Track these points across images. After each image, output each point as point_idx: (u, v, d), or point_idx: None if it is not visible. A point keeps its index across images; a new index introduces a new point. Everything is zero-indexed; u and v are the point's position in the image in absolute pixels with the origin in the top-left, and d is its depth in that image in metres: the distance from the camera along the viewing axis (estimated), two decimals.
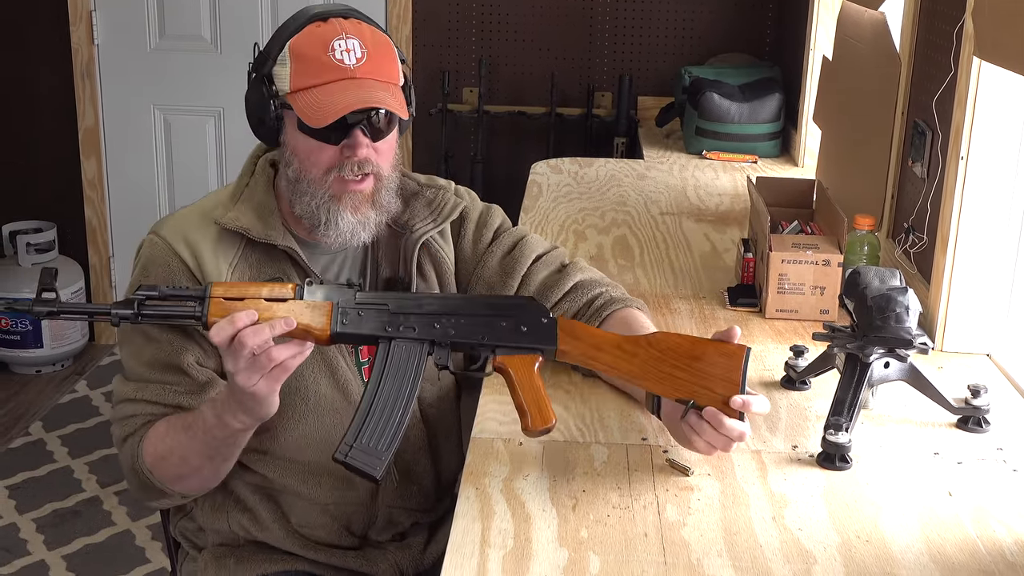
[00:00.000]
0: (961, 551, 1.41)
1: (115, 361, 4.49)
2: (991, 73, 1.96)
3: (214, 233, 1.74)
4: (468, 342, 1.55)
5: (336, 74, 1.65)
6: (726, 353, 1.54)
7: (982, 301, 2.06)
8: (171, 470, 1.68)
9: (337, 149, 1.68)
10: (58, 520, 3.34)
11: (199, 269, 1.72)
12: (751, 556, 1.39)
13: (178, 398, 1.69)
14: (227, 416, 1.58)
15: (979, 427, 1.74)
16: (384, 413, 1.52)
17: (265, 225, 1.74)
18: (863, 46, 2.80)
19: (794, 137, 3.69)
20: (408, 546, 1.89)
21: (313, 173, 1.69)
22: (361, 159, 1.68)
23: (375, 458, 1.50)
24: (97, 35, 4.45)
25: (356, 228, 1.72)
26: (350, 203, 1.70)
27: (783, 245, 2.19)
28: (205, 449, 1.64)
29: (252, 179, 1.79)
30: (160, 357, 1.70)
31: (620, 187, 3.26)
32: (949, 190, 2.05)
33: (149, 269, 1.74)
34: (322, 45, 1.65)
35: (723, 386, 1.52)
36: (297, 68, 1.66)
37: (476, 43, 4.43)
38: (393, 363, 1.53)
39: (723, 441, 1.52)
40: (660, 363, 1.54)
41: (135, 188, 4.62)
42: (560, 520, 1.45)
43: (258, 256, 1.76)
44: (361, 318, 1.52)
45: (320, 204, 1.70)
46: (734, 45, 4.36)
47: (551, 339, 1.56)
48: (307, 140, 1.68)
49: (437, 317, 1.54)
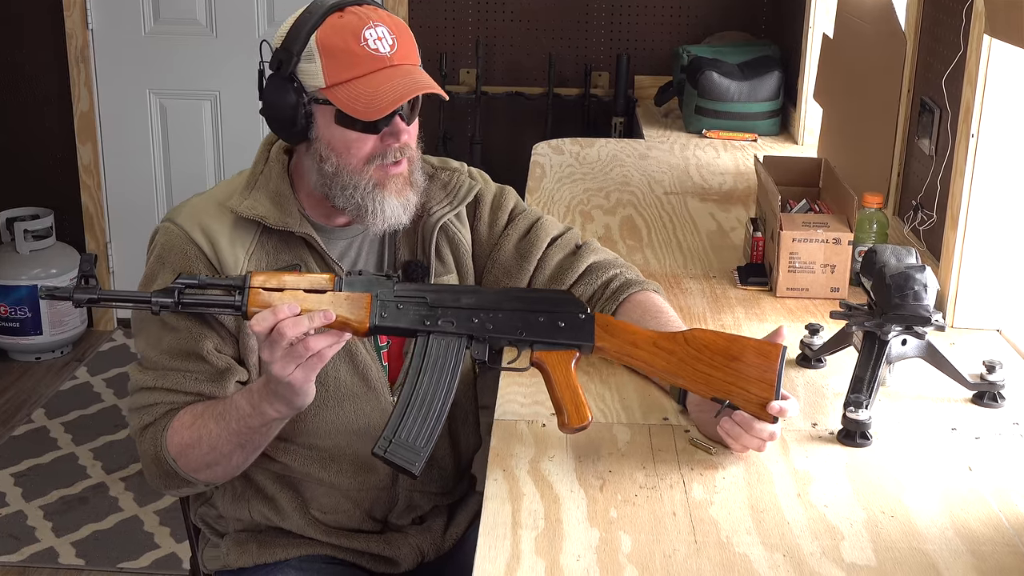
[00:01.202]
0: (985, 525, 1.43)
1: (115, 347, 4.49)
2: (1001, 51, 1.97)
3: (230, 221, 1.74)
4: (506, 337, 1.56)
5: (375, 64, 1.64)
6: (762, 352, 1.54)
7: (992, 277, 2.08)
8: (200, 459, 1.67)
9: (378, 138, 1.68)
10: (65, 507, 3.35)
11: (216, 257, 1.72)
12: (779, 533, 1.41)
13: (199, 385, 1.70)
14: (264, 405, 1.58)
15: (994, 402, 1.76)
16: (423, 408, 1.53)
17: (282, 212, 1.74)
18: (866, 24, 2.81)
19: (793, 115, 3.70)
20: (428, 529, 1.90)
21: (354, 164, 1.68)
22: (403, 145, 1.69)
23: (414, 454, 1.52)
24: (91, 20, 4.43)
25: (399, 211, 1.72)
26: (394, 188, 1.70)
27: (793, 224, 2.20)
28: (237, 438, 1.64)
29: (266, 167, 1.78)
30: (179, 345, 1.70)
31: (623, 167, 3.27)
32: (959, 168, 2.06)
33: (165, 257, 1.73)
34: (352, 36, 1.63)
35: (759, 387, 1.52)
36: (330, 63, 1.64)
37: (473, 24, 4.42)
38: (431, 357, 1.54)
39: (756, 443, 1.55)
40: (697, 362, 1.55)
41: (131, 173, 4.61)
42: (589, 500, 1.47)
43: (274, 243, 1.76)
44: (400, 311, 1.53)
45: (365, 194, 1.69)
46: (730, 24, 4.36)
47: (588, 336, 1.56)
48: (345, 133, 1.66)
49: (475, 312, 1.55)
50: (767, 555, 1.36)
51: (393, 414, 1.54)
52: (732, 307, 2.16)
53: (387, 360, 1.82)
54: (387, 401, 1.80)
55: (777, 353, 1.53)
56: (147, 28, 4.47)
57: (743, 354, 1.54)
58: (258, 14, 4.40)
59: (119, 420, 3.88)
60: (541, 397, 1.74)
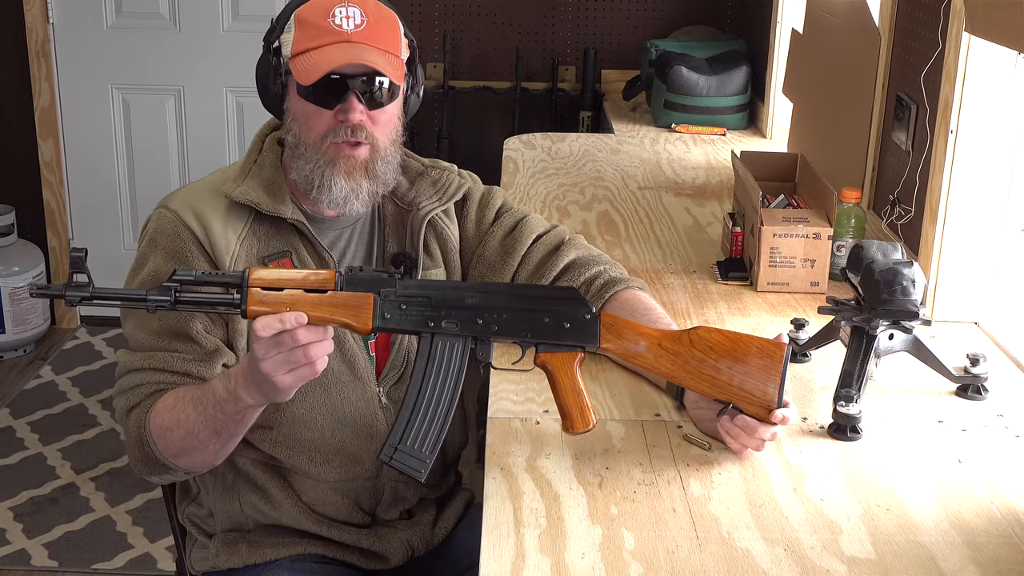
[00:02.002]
0: (978, 517, 1.46)
1: (79, 345, 4.44)
2: (979, 48, 2.00)
3: (223, 206, 1.76)
4: (511, 339, 1.56)
5: (333, 37, 1.69)
6: (766, 353, 1.54)
7: (970, 271, 2.11)
8: (176, 443, 1.66)
9: (332, 114, 1.72)
10: (35, 508, 3.31)
11: (208, 241, 1.73)
12: (779, 528, 1.42)
13: (186, 365, 1.69)
14: (240, 391, 1.57)
15: (978, 394, 1.79)
16: (428, 414, 1.53)
17: (274, 199, 1.76)
18: (838, 20, 2.83)
19: (761, 109, 3.72)
20: (418, 523, 1.90)
21: (310, 138, 1.73)
22: (354, 124, 1.71)
23: (419, 461, 1.52)
24: (52, 13, 4.37)
25: (348, 195, 1.74)
26: (344, 167, 1.73)
27: (774, 219, 2.22)
28: (212, 424, 1.63)
29: (260, 156, 1.83)
30: (168, 325, 1.70)
31: (595, 162, 3.28)
32: (938, 164, 2.09)
33: (158, 240, 1.75)
34: (324, 12, 1.70)
35: (762, 391, 1.53)
36: (299, 34, 1.71)
37: (440, 18, 4.41)
38: (435, 361, 1.53)
39: (756, 443, 1.56)
40: (702, 364, 1.54)
41: (94, 170, 4.55)
42: (589, 498, 1.48)
43: (266, 229, 1.78)
44: (403, 312, 1.52)
45: (315, 168, 1.73)
46: (696, 18, 4.39)
47: (593, 337, 1.55)
48: (305, 105, 1.72)
49: (479, 312, 1.54)
50: (768, 550, 1.37)
51: (398, 419, 1.54)
52: (715, 302, 2.18)
53: (374, 351, 1.83)
54: (372, 392, 1.81)
55: (781, 353, 1.53)
56: (109, 22, 4.42)
57: (747, 356, 1.54)
58: (222, 8, 4.37)
59: (86, 419, 3.84)
60: (532, 395, 1.76)
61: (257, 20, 4.34)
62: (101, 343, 4.45)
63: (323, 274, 1.50)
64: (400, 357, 1.83)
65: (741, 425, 1.55)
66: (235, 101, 4.46)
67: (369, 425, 1.81)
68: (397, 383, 1.83)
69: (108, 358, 4.32)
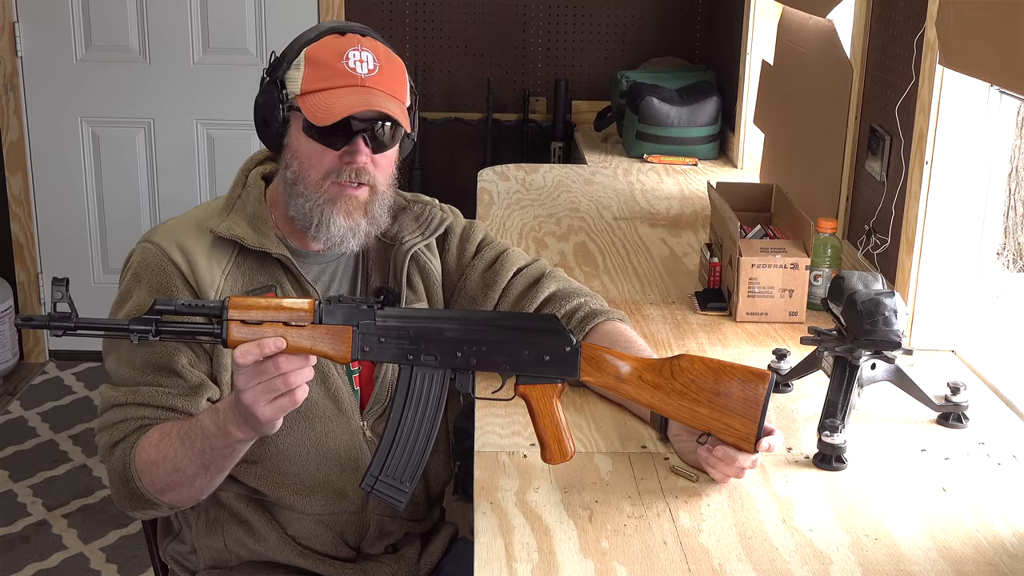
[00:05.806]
0: (965, 545, 1.47)
1: (48, 380, 4.39)
2: (953, 80, 2.03)
3: (208, 241, 1.76)
4: (490, 370, 1.56)
5: (347, 80, 1.70)
6: (749, 382, 1.54)
7: (946, 299, 2.13)
8: (163, 479, 1.65)
9: (338, 155, 1.72)
10: (6, 547, 3.26)
11: (192, 275, 1.73)
12: (769, 559, 1.43)
13: (171, 400, 1.68)
14: (229, 425, 1.57)
15: (959, 423, 1.81)
16: (408, 445, 1.54)
17: (259, 234, 1.77)
18: (808, 52, 2.87)
19: (732, 139, 3.76)
20: (403, 557, 1.90)
21: (312, 176, 1.73)
22: (359, 167, 1.72)
23: (399, 491, 1.53)
24: (20, 46, 4.34)
25: (346, 234, 1.74)
26: (344, 208, 1.73)
27: (752, 250, 2.24)
28: (201, 458, 1.63)
29: (244, 191, 1.82)
30: (152, 359, 1.70)
31: (569, 192, 3.30)
32: (913, 194, 2.12)
33: (142, 274, 1.74)
34: (337, 54, 1.71)
35: (742, 422, 1.54)
36: (310, 73, 1.71)
37: (411, 49, 4.43)
38: (415, 393, 1.54)
39: (736, 471, 1.57)
40: (682, 397, 1.55)
41: (63, 203, 4.51)
42: (579, 531, 1.48)
43: (251, 264, 1.78)
44: (382, 345, 1.52)
45: (314, 207, 1.73)
46: (665, 49, 4.43)
47: (573, 370, 1.55)
48: (310, 143, 1.72)
49: (459, 344, 1.53)
50: None
51: (379, 450, 1.54)
52: (695, 332, 2.19)
53: (359, 385, 1.83)
54: (357, 426, 1.80)
55: (764, 383, 1.53)
56: (79, 55, 4.39)
57: (729, 388, 1.54)
58: (192, 41, 4.35)
59: (57, 455, 3.80)
60: (519, 427, 1.76)
61: (227, 53, 4.35)
62: (71, 378, 4.40)
63: (302, 303, 1.49)
64: (384, 391, 1.83)
65: (720, 455, 1.56)
66: (206, 134, 4.45)
67: (354, 459, 1.81)
68: (381, 416, 1.83)
69: (78, 393, 4.28)
